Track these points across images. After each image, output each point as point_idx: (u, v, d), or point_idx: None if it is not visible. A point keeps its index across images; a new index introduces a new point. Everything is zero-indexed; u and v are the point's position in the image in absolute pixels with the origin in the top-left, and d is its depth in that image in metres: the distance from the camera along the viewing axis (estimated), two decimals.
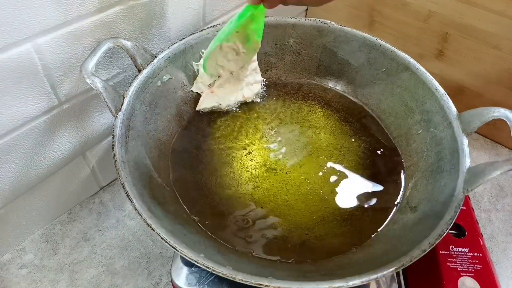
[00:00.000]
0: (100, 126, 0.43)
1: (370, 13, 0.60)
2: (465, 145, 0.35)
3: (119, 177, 0.31)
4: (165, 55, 0.41)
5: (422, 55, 0.57)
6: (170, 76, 0.42)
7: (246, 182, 0.39)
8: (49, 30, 0.33)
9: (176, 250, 0.27)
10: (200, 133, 0.43)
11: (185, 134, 0.43)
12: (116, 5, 0.36)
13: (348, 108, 0.47)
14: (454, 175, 0.33)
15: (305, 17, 0.46)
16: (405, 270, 0.39)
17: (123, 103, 0.36)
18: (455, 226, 0.40)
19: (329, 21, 0.46)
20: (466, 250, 0.38)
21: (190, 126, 0.44)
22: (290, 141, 0.43)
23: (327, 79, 0.49)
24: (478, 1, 0.49)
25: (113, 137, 0.33)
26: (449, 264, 0.37)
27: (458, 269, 0.36)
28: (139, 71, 0.38)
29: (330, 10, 0.65)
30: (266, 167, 0.41)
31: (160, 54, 0.40)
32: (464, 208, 0.41)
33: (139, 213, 0.29)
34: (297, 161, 0.41)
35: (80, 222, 0.45)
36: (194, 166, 0.40)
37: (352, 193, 0.39)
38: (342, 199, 0.38)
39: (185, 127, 0.43)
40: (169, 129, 0.42)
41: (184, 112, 0.44)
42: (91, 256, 0.43)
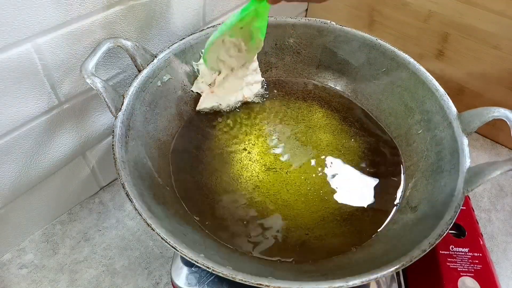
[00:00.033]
0: (100, 126, 0.43)
1: (370, 13, 0.60)
2: (465, 145, 0.35)
3: (119, 177, 0.31)
4: (165, 55, 0.41)
5: (422, 55, 0.57)
6: (170, 76, 0.42)
7: (246, 182, 0.39)
8: (49, 30, 0.33)
9: (176, 250, 0.27)
10: (200, 133, 0.43)
11: (185, 134, 0.43)
12: (116, 5, 0.37)
13: (348, 108, 0.47)
14: (454, 175, 0.33)
15: (305, 17, 0.46)
16: (405, 270, 0.39)
17: (123, 103, 0.36)
18: (455, 226, 0.40)
19: (329, 21, 0.46)
20: (466, 250, 0.38)
21: (190, 126, 0.44)
22: (290, 141, 0.43)
23: (327, 79, 0.49)
24: (478, 1, 0.49)
25: (113, 137, 0.33)
26: (449, 264, 0.37)
27: (458, 269, 0.36)
28: (139, 71, 0.39)
29: (330, 10, 0.65)
30: (266, 167, 0.41)
31: (160, 54, 0.40)
32: (464, 208, 0.41)
33: (139, 213, 0.29)
34: (297, 161, 0.41)
35: (80, 222, 0.45)
36: (194, 166, 0.40)
37: (352, 193, 0.39)
38: (342, 199, 0.38)
39: (185, 127, 0.43)
40: (169, 129, 0.42)
41: (184, 112, 0.44)
42: (91, 256, 0.43)
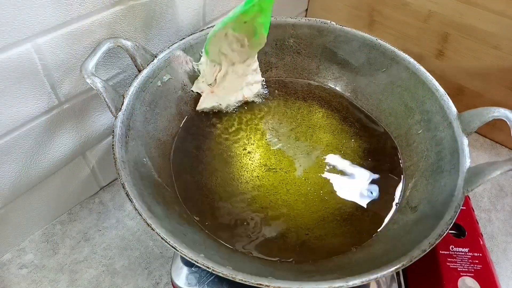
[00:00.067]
0: (100, 126, 0.43)
1: (370, 13, 0.60)
2: (465, 145, 0.35)
3: (119, 177, 0.31)
4: (165, 55, 0.41)
5: (422, 55, 0.57)
6: (170, 76, 0.42)
7: (246, 182, 0.39)
8: (49, 30, 0.33)
9: (176, 250, 0.27)
10: (200, 133, 0.43)
11: (185, 134, 0.43)
12: (116, 5, 0.37)
13: (348, 108, 0.47)
14: (454, 175, 0.33)
15: (305, 17, 0.46)
16: (405, 270, 0.39)
17: (123, 103, 0.36)
18: (455, 226, 0.40)
19: (329, 21, 0.46)
20: (466, 250, 0.38)
21: (190, 126, 0.44)
22: (290, 141, 0.43)
23: (327, 79, 0.49)
24: (478, 1, 0.49)
25: (113, 137, 0.33)
26: (449, 264, 0.37)
27: (458, 269, 0.36)
28: (139, 71, 0.38)
29: (330, 10, 0.65)
30: (266, 167, 0.41)
31: (160, 54, 0.40)
32: (464, 208, 0.41)
33: (139, 213, 0.29)
34: (297, 161, 0.41)
35: (80, 222, 0.45)
36: (194, 166, 0.40)
37: (352, 193, 0.39)
38: (342, 199, 0.38)
39: (185, 127, 0.43)
40: (169, 129, 0.42)
41: (184, 112, 0.44)
42: (91, 256, 0.43)
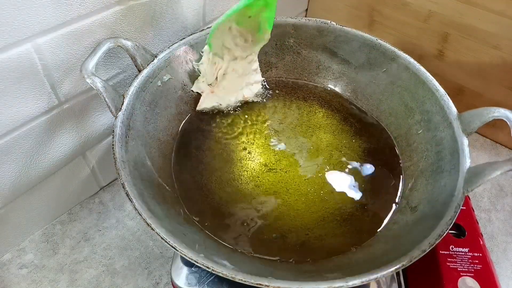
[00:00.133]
0: (100, 126, 0.43)
1: (370, 13, 0.60)
2: (465, 145, 0.35)
3: (119, 177, 0.31)
4: (165, 55, 0.41)
5: (422, 55, 0.57)
6: (170, 76, 0.42)
7: (246, 182, 0.39)
8: (49, 30, 0.33)
9: (176, 250, 0.27)
10: (200, 133, 0.43)
11: (185, 134, 0.43)
12: (116, 5, 0.37)
13: (348, 108, 0.47)
14: (454, 175, 0.33)
15: (305, 17, 0.46)
16: (405, 270, 0.39)
17: (123, 103, 0.36)
18: (455, 226, 0.40)
19: (329, 21, 0.46)
20: (466, 250, 0.38)
21: (190, 126, 0.44)
22: (290, 141, 0.43)
23: (327, 79, 0.49)
24: (478, 1, 0.49)
25: (113, 137, 0.33)
26: (449, 264, 0.37)
27: (458, 269, 0.36)
28: (139, 71, 0.38)
29: (330, 10, 0.65)
30: (266, 167, 0.41)
31: (160, 54, 0.40)
32: (464, 208, 0.41)
33: (139, 213, 0.29)
34: (297, 161, 0.41)
35: (80, 222, 0.45)
36: (194, 166, 0.40)
37: (352, 193, 0.39)
38: (342, 199, 0.38)
39: (185, 127, 0.43)
40: (169, 129, 0.42)
41: (184, 112, 0.44)
42: (91, 256, 0.43)
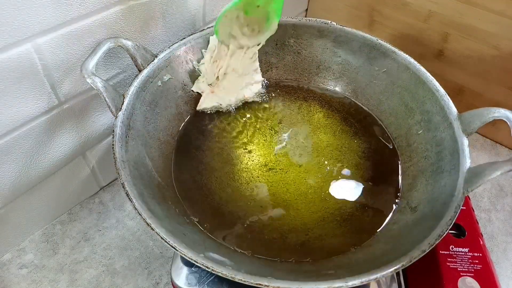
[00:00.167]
0: (100, 126, 0.43)
1: (370, 13, 0.60)
2: (465, 146, 0.35)
3: (119, 177, 0.31)
4: (166, 55, 0.41)
5: (422, 55, 0.57)
6: (171, 76, 0.42)
7: (246, 182, 0.39)
8: (49, 30, 0.33)
9: (176, 250, 0.27)
10: (200, 133, 0.43)
11: (185, 134, 0.43)
12: (116, 5, 0.37)
13: (349, 108, 0.47)
14: (454, 176, 0.33)
15: (306, 17, 0.46)
16: (405, 270, 0.39)
17: (123, 103, 0.36)
18: (455, 226, 0.40)
19: (330, 21, 0.46)
20: (466, 250, 0.38)
21: (190, 126, 0.44)
22: (290, 141, 0.43)
23: (328, 79, 0.49)
24: (478, 1, 0.49)
25: (113, 137, 0.33)
26: (449, 264, 0.37)
27: (458, 269, 0.36)
28: (140, 71, 0.38)
29: (330, 10, 0.65)
30: (266, 167, 0.41)
31: (161, 54, 0.40)
32: (464, 208, 0.41)
33: (139, 213, 0.29)
34: (297, 161, 0.41)
35: (80, 222, 0.45)
36: (194, 166, 0.40)
37: (352, 193, 0.39)
38: (342, 199, 0.38)
39: (185, 127, 0.43)
40: (169, 129, 0.42)
41: (184, 112, 0.44)
42: (91, 256, 0.43)
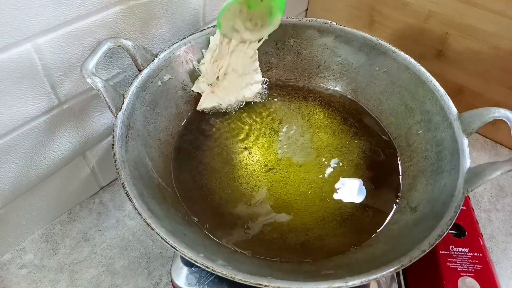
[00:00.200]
0: (100, 126, 0.43)
1: (370, 13, 0.60)
2: (465, 146, 0.35)
3: (119, 177, 0.31)
4: (166, 55, 0.41)
5: (422, 55, 0.57)
6: (171, 76, 0.42)
7: (246, 182, 0.39)
8: (49, 30, 0.33)
9: (176, 250, 0.27)
10: (200, 133, 0.43)
11: (185, 134, 0.43)
12: (116, 5, 0.37)
13: (349, 109, 0.47)
14: (454, 176, 0.33)
15: (306, 17, 0.46)
16: (405, 270, 0.39)
17: (124, 103, 0.36)
18: (455, 226, 0.40)
19: (330, 21, 0.46)
20: (466, 250, 0.38)
21: (190, 126, 0.44)
22: (290, 141, 0.43)
23: (328, 79, 0.49)
24: (478, 1, 0.49)
25: (113, 137, 0.33)
26: (449, 264, 0.37)
27: (458, 269, 0.36)
28: (140, 71, 0.38)
29: (330, 10, 0.65)
30: (266, 167, 0.41)
31: (161, 54, 0.40)
32: (464, 208, 0.41)
33: (139, 213, 0.29)
34: (297, 161, 0.41)
35: (80, 222, 0.45)
36: (194, 166, 0.40)
37: (352, 193, 0.39)
38: (342, 199, 0.38)
39: (185, 127, 0.43)
40: (169, 129, 0.42)
41: (185, 112, 0.44)
42: (91, 256, 0.43)
